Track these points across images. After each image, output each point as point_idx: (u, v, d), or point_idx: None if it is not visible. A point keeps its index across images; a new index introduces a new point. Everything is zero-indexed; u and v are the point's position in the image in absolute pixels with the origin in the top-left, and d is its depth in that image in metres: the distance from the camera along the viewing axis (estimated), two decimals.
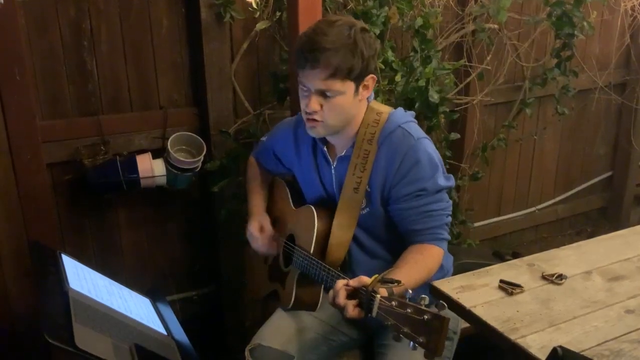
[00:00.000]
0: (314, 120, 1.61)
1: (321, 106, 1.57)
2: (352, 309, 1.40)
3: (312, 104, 1.57)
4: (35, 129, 2.10)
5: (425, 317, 1.22)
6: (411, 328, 1.24)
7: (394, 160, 1.62)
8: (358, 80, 1.57)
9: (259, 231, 1.88)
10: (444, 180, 1.64)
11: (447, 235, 1.67)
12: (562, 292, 1.61)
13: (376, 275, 1.39)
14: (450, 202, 1.69)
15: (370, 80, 1.61)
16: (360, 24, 1.59)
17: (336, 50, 1.50)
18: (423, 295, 1.26)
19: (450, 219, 1.69)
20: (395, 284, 1.38)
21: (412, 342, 1.24)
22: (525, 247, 3.51)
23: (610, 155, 3.86)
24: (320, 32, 1.53)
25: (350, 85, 1.56)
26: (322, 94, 1.56)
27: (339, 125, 1.64)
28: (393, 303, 1.29)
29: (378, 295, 1.33)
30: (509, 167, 3.45)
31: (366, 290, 1.38)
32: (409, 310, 1.25)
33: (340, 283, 1.44)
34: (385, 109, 1.70)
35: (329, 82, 1.53)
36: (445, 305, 1.24)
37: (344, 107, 1.59)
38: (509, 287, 1.61)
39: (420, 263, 1.59)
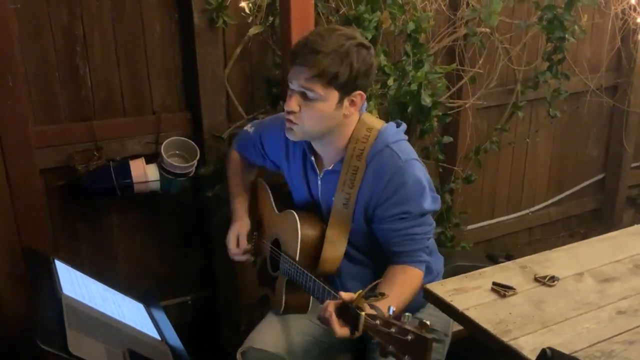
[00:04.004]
0: (291, 121, 1.61)
1: (300, 108, 1.58)
2: (339, 329, 1.39)
3: (291, 102, 1.58)
4: (28, 134, 2.09)
5: (410, 337, 1.22)
6: (396, 347, 1.24)
7: (380, 181, 1.62)
8: (343, 91, 1.56)
9: (235, 245, 1.92)
10: (429, 203, 1.64)
11: (426, 258, 1.68)
12: (554, 294, 1.62)
13: (360, 291, 1.37)
14: (434, 224, 1.70)
15: (358, 96, 1.60)
16: (362, 39, 1.59)
17: (326, 54, 1.51)
18: (406, 314, 1.27)
19: (431, 242, 1.71)
20: (380, 296, 1.38)
21: None
22: (519, 249, 3.51)
23: (603, 158, 3.88)
24: (318, 35, 1.55)
25: (333, 94, 1.56)
26: (304, 95, 1.57)
27: (315, 133, 1.63)
28: (377, 322, 1.29)
29: (363, 314, 1.33)
30: (502, 170, 3.46)
31: (351, 306, 1.37)
32: (393, 330, 1.25)
33: (332, 304, 1.42)
34: (376, 124, 1.68)
35: (311, 83, 1.54)
36: (428, 323, 1.24)
37: (322, 115, 1.58)
38: (501, 290, 1.62)
39: (407, 285, 1.60)
